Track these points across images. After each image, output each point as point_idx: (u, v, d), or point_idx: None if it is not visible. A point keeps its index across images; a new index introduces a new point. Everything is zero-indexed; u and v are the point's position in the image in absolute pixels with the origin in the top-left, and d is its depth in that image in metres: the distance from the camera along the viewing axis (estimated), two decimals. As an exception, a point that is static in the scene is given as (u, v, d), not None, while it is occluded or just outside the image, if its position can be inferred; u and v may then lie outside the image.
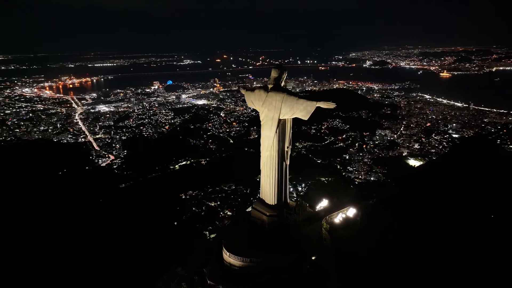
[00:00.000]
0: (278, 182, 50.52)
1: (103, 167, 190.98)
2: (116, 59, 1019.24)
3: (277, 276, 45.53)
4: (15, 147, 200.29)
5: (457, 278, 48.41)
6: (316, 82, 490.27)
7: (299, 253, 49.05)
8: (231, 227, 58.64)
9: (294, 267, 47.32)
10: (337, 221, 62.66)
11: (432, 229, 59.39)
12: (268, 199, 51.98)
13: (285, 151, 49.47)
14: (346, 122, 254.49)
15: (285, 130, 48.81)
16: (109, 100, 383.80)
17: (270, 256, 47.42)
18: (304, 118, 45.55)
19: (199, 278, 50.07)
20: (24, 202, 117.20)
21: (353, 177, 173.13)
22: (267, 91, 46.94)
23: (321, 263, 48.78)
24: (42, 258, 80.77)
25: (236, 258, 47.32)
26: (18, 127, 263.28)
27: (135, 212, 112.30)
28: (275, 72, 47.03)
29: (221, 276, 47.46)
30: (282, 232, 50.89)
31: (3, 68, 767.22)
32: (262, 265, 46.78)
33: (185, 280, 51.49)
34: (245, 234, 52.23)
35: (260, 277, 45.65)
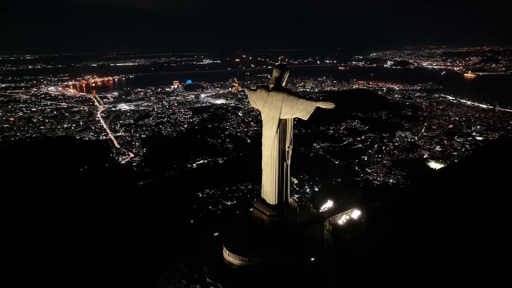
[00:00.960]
0: (278, 182, 50.44)
1: (123, 164, 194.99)
2: (137, 58, 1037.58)
3: (276, 276, 45.43)
4: (40, 144, 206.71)
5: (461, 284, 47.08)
6: (336, 82, 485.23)
7: (298, 254, 48.85)
8: (233, 226, 58.45)
9: (293, 267, 47.13)
10: (341, 223, 62.05)
11: (441, 235, 57.54)
12: (269, 199, 51.82)
13: (285, 151, 49.38)
14: (365, 123, 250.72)
15: (286, 130, 48.76)
16: (130, 99, 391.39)
17: (269, 256, 47.52)
18: (304, 118, 45.31)
19: (199, 276, 50.35)
20: (47, 197, 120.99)
21: (371, 178, 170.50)
22: (268, 90, 47.02)
23: (320, 264, 48.28)
24: (61, 249, 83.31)
25: (235, 257, 47.63)
26: (43, 124, 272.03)
27: (152, 209, 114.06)
28: (276, 72, 47.08)
29: (220, 275, 47.82)
30: (282, 232, 50.85)
31: (30, 67, 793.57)
32: (261, 265, 46.90)
33: (185, 277, 51.69)
34: (246, 234, 52.53)
35: (259, 277, 45.66)
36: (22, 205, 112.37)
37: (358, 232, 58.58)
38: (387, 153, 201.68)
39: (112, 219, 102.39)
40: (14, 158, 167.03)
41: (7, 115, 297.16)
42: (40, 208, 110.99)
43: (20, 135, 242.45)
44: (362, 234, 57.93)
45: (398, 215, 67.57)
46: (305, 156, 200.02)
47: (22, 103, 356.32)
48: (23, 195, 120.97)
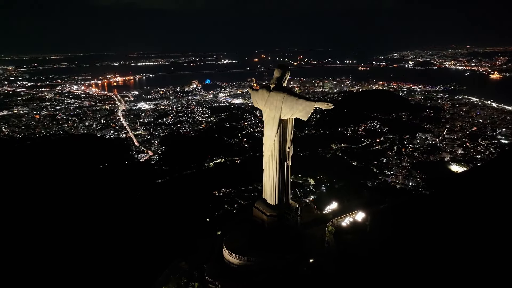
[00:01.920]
0: (279, 182, 50.39)
1: (142, 162, 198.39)
2: (157, 58, 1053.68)
3: (274, 276, 45.39)
4: (62, 141, 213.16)
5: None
6: (355, 82, 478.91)
7: (297, 255, 48.64)
8: (234, 225, 58.72)
9: (291, 268, 47.00)
10: (344, 225, 61.39)
11: (453, 241, 55.82)
12: (269, 199, 51.88)
13: (286, 151, 49.28)
14: (385, 124, 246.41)
15: (287, 130, 48.62)
16: (150, 98, 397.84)
17: (268, 256, 47.60)
18: (304, 118, 45.34)
19: (198, 274, 50.70)
20: (68, 193, 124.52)
21: (390, 181, 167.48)
22: (269, 90, 46.89)
23: (320, 266, 47.95)
24: (77, 242, 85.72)
25: (235, 256, 47.92)
26: (66, 122, 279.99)
27: (168, 207, 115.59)
28: (277, 72, 46.82)
29: (220, 273, 48.16)
30: (282, 232, 50.75)
31: (55, 67, 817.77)
32: (260, 265, 47.03)
33: (186, 275, 52.18)
34: (246, 233, 52.83)
35: (257, 277, 45.76)
36: (43, 199, 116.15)
37: (361, 234, 57.93)
38: (406, 155, 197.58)
39: (129, 216, 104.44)
40: (38, 154, 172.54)
41: (33, 112, 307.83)
42: (60, 203, 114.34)
43: (45, 132, 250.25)
44: (365, 237, 57.32)
45: (405, 219, 66.10)
46: (323, 157, 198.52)
47: (47, 101, 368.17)
48: (45, 191, 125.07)
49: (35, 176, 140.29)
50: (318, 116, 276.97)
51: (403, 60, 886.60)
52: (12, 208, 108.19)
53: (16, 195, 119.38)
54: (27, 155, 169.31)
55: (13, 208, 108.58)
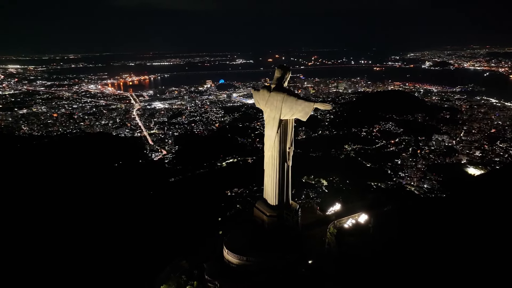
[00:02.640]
0: (279, 182, 50.71)
1: (156, 161, 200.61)
2: (172, 58, 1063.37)
3: (273, 277, 45.45)
4: (79, 139, 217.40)
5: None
6: (370, 83, 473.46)
7: (296, 255, 48.69)
8: (235, 225, 59.31)
9: (290, 269, 47.01)
10: (347, 226, 61.18)
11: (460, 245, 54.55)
12: (270, 199, 52.23)
13: (286, 152, 49.53)
14: (400, 126, 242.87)
15: (287, 131, 48.75)
16: (164, 98, 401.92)
17: (266, 256, 47.88)
18: (303, 119, 45.38)
19: (198, 273, 51.17)
20: (83, 190, 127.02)
21: (404, 183, 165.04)
22: (270, 91, 47.08)
23: (319, 267, 47.77)
24: (88, 236, 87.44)
25: (234, 256, 48.34)
26: (83, 120, 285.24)
27: (181, 206, 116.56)
28: (278, 72, 47.09)
29: (219, 273, 48.57)
30: (281, 233, 50.99)
31: (73, 66, 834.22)
32: (258, 265, 47.25)
33: (186, 273, 52.66)
34: (246, 233, 53.35)
35: (256, 276, 45.89)
36: (58, 196, 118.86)
37: (363, 236, 57.56)
38: (422, 157, 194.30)
39: (141, 214, 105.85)
40: (55, 152, 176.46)
41: (51, 111, 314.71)
42: (75, 200, 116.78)
43: (62, 130, 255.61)
44: (368, 239, 56.88)
45: (410, 222, 65.11)
46: (336, 158, 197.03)
47: (65, 100, 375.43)
48: (60, 188, 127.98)
49: (51, 173, 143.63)
50: (332, 117, 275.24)
51: (419, 60, 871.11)
52: (28, 204, 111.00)
53: (32, 191, 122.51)
54: (44, 153, 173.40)
55: (29, 204, 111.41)
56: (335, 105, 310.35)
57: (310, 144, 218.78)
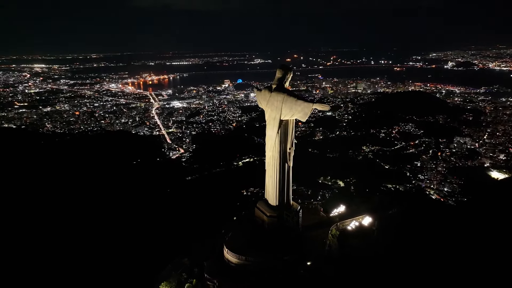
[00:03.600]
0: (279, 183, 50.60)
1: (173, 159, 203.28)
2: (191, 58, 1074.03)
3: (271, 277, 45.43)
4: (99, 137, 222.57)
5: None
6: (390, 83, 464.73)
7: (295, 256, 48.44)
8: (236, 225, 59.53)
9: (289, 269, 46.86)
10: (350, 228, 60.47)
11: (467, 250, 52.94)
12: (271, 200, 52.25)
13: (287, 152, 49.39)
14: (420, 127, 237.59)
15: (288, 131, 48.72)
16: (183, 97, 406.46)
17: (266, 256, 47.86)
18: (302, 119, 45.50)
19: (198, 271, 51.45)
20: (101, 186, 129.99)
21: (424, 186, 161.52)
22: (271, 91, 47.09)
23: (318, 268, 47.39)
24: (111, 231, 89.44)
25: (233, 255, 48.56)
26: (104, 118, 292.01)
27: (197, 204, 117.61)
28: (279, 73, 47.13)
29: (219, 271, 48.84)
30: (281, 233, 50.91)
31: (95, 66, 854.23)
32: (257, 265, 47.27)
33: (186, 271, 53.03)
34: (247, 233, 53.51)
35: (255, 276, 45.97)
36: (77, 192, 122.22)
37: (367, 239, 56.87)
38: (442, 159, 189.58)
39: (157, 211, 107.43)
40: (76, 149, 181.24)
41: (73, 109, 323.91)
42: (93, 196, 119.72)
43: (83, 128, 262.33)
44: (371, 241, 56.17)
45: (417, 225, 63.69)
46: (353, 159, 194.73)
47: (87, 98, 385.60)
48: (80, 184, 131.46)
49: (72, 170, 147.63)
50: (350, 117, 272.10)
51: (442, 60, 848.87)
52: (48, 199, 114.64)
53: (53, 187, 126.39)
54: (66, 150, 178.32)
55: (48, 199, 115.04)
56: (353, 105, 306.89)
57: (327, 145, 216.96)
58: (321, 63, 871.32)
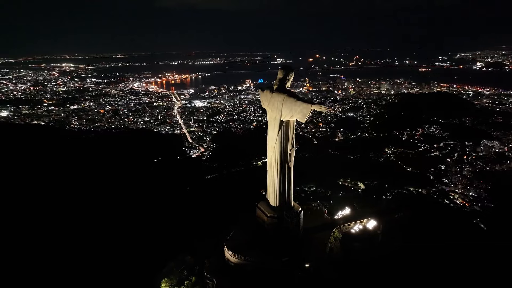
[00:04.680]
0: (280, 184, 50.88)
1: (193, 158, 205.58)
2: (214, 57, 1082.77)
3: (269, 278, 45.55)
4: (122, 135, 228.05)
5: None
6: (414, 84, 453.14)
7: (294, 258, 48.26)
8: (239, 224, 59.41)
9: (286, 271, 46.74)
10: (353, 232, 59.86)
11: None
12: (271, 200, 52.65)
13: (288, 153, 49.67)
14: (445, 129, 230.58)
15: (288, 132, 48.91)
16: (204, 96, 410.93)
17: (263, 257, 48.14)
18: (302, 120, 45.72)
19: (199, 269, 52.01)
20: (123, 183, 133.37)
21: (447, 190, 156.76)
22: (272, 91, 47.15)
23: (317, 271, 47.07)
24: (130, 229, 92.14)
25: (232, 254, 49.04)
26: (127, 117, 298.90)
27: (215, 202, 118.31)
28: (280, 73, 47.19)
29: (218, 270, 49.35)
30: (281, 234, 50.98)
31: (119, 65, 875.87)
32: (255, 265, 47.49)
33: (188, 269, 53.56)
34: (248, 233, 53.94)
35: (252, 276, 46.35)
36: (98, 187, 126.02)
37: (370, 242, 56.26)
38: (468, 163, 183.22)
39: (177, 208, 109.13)
40: (101, 146, 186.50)
41: (98, 107, 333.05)
42: (113, 192, 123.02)
43: (108, 126, 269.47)
44: (374, 245, 55.46)
45: (424, 231, 61.83)
46: (375, 161, 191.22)
47: (111, 97, 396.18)
48: (102, 180, 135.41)
49: (94, 166, 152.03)
50: (372, 118, 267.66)
51: (470, 61, 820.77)
52: (70, 193, 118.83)
53: (76, 182, 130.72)
54: (90, 147, 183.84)
55: (70, 192, 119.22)
56: (376, 106, 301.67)
57: (348, 146, 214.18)
58: (344, 63, 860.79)
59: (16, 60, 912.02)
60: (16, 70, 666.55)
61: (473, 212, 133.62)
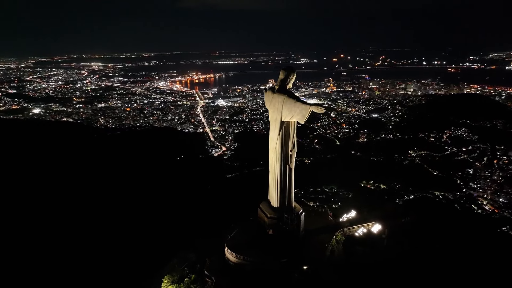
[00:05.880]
0: (281, 185, 50.77)
1: (215, 157, 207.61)
2: (237, 57, 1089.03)
3: (267, 278, 45.60)
4: (147, 132, 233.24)
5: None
6: (443, 85, 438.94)
7: (290, 259, 47.97)
8: (241, 224, 59.64)
9: (283, 272, 46.67)
10: (357, 235, 58.91)
11: None
12: (272, 201, 52.73)
13: (288, 154, 49.49)
14: (475, 132, 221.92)
15: (289, 133, 48.75)
16: (227, 96, 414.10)
17: (262, 257, 48.12)
18: (301, 121, 45.24)
19: (200, 267, 52.19)
20: (145, 179, 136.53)
21: (476, 195, 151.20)
22: (274, 92, 47.30)
23: (316, 273, 46.58)
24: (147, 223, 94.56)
25: (232, 254, 49.20)
26: (152, 115, 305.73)
27: (235, 201, 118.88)
28: (282, 74, 47.25)
29: (218, 269, 49.62)
30: (280, 235, 50.94)
31: (146, 64, 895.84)
32: (253, 265, 47.56)
33: (189, 266, 53.86)
34: (249, 233, 54.22)
35: (251, 276, 46.54)
36: (121, 183, 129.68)
37: (374, 246, 55.25)
38: (499, 167, 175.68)
39: (195, 206, 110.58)
40: (126, 143, 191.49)
41: (124, 105, 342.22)
42: (136, 188, 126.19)
43: (133, 124, 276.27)
44: (378, 249, 54.29)
45: (433, 236, 59.79)
46: (399, 164, 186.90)
47: (137, 95, 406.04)
48: (125, 176, 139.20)
49: (119, 162, 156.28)
50: (397, 120, 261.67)
51: (503, 61, 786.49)
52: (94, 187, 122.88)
53: (101, 177, 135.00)
54: (116, 144, 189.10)
55: (95, 187, 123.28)
56: (401, 107, 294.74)
57: (372, 148, 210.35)
58: (369, 63, 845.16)
59: (49, 59, 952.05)
60: (49, 69, 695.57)
61: (502, 219, 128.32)
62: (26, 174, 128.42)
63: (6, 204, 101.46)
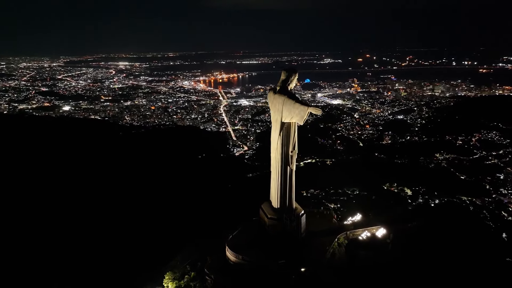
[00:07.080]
0: (281, 185, 50.78)
1: (236, 156, 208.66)
2: (261, 57, 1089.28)
3: (265, 278, 45.83)
4: (170, 131, 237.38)
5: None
6: (473, 86, 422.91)
7: (289, 261, 47.84)
8: (243, 224, 59.73)
9: (282, 273, 46.63)
10: (361, 239, 57.86)
11: None
12: (273, 202, 52.73)
13: (289, 155, 49.56)
14: (506, 136, 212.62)
15: (290, 134, 48.66)
16: (250, 95, 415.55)
17: (261, 257, 48.42)
18: (300, 122, 45.14)
19: (201, 265, 52.80)
20: (166, 176, 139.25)
21: (506, 201, 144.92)
22: (275, 93, 47.61)
23: (312, 275, 46.31)
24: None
25: (232, 253, 49.59)
26: (175, 114, 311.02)
27: (255, 201, 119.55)
28: (283, 75, 48.04)
29: (218, 268, 50.11)
30: (280, 236, 50.83)
31: (171, 64, 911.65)
32: (252, 265, 47.83)
33: (191, 264, 54.73)
34: (250, 233, 54.58)
35: (250, 276, 46.96)
36: (143, 180, 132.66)
37: (377, 251, 54.35)
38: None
39: (215, 205, 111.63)
40: (150, 141, 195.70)
41: (149, 104, 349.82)
42: (157, 185, 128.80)
43: (157, 122, 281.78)
44: (380, 254, 53.27)
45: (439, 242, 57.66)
46: (424, 167, 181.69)
47: (162, 94, 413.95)
48: (148, 173, 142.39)
49: (142, 160, 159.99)
50: (424, 122, 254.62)
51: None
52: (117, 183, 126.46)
53: (124, 173, 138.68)
54: (140, 141, 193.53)
55: (118, 183, 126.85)
56: (429, 109, 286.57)
57: (396, 150, 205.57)
58: (395, 64, 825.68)
59: (79, 59, 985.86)
60: (79, 68, 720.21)
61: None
62: (52, 168, 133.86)
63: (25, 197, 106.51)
